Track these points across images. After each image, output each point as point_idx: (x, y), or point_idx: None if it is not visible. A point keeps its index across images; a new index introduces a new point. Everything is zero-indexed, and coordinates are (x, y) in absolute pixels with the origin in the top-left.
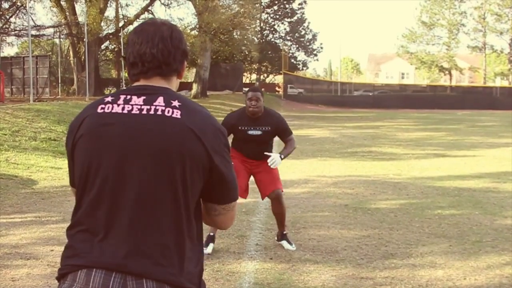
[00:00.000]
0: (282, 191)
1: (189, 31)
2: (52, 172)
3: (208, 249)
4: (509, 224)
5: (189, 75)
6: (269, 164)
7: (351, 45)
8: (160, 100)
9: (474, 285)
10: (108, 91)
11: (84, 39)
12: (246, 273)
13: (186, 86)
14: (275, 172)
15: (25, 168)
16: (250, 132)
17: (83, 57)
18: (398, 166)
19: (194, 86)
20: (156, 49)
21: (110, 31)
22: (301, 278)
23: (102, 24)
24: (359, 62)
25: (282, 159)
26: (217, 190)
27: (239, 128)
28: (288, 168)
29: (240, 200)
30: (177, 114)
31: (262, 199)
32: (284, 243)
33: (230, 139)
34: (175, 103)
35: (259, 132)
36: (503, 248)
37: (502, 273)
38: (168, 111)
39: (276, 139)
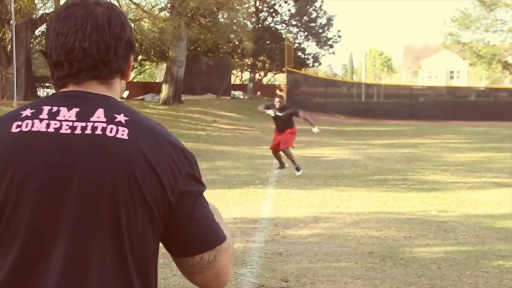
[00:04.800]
0: (289, 146)
1: (157, 12)
2: None
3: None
4: None
5: (158, 72)
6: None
7: (380, 34)
8: (99, 114)
9: None
10: (45, 93)
11: (11, 22)
12: None
13: (153, 87)
14: (287, 137)
15: None
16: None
17: (9, 47)
18: (443, 199)
19: (164, 88)
20: (88, 42)
21: (47, 11)
22: None
23: (37, 1)
24: (391, 57)
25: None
26: (185, 236)
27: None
28: (292, 202)
29: None
30: (123, 133)
31: (278, 149)
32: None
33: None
34: (120, 117)
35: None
36: None
37: None
38: (111, 129)
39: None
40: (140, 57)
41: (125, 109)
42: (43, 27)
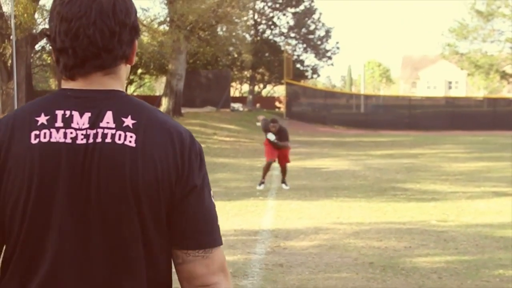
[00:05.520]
0: (288, 161)
1: (156, 26)
2: None
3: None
4: None
5: (157, 86)
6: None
7: (378, 45)
8: (108, 118)
9: None
10: None
11: (11, 37)
12: None
13: (153, 101)
14: (284, 152)
15: None
16: (274, 141)
17: (9, 62)
18: (443, 209)
19: (164, 101)
20: (92, 29)
21: (47, 26)
22: None
23: (36, 15)
24: (389, 68)
25: (274, 139)
26: (184, 225)
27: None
28: (292, 213)
29: (228, 256)
30: (130, 140)
31: (278, 163)
32: (283, 185)
33: None
34: (128, 121)
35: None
36: None
37: None
38: (120, 136)
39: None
40: (139, 71)
41: (132, 107)
42: (43, 42)
